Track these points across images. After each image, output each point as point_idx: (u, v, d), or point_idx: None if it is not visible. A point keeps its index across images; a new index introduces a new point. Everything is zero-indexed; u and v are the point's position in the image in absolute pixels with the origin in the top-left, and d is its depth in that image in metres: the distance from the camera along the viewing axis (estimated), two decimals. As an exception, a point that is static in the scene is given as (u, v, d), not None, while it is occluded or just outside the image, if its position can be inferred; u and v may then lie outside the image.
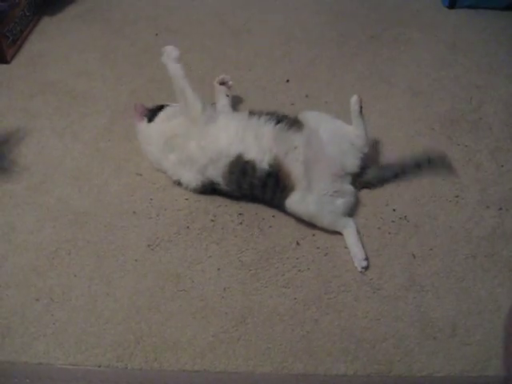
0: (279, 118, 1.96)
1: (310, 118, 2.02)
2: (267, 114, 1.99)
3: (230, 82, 2.31)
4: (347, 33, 2.91)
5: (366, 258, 1.82)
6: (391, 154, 2.17)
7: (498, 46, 2.80)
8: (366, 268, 1.81)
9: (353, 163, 1.97)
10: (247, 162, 1.90)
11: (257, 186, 1.92)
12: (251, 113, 2.00)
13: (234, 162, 1.92)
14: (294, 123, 1.97)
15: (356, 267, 1.81)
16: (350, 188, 1.96)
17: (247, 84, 2.55)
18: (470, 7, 3.07)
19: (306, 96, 2.48)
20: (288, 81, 2.58)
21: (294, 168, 1.88)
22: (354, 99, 1.97)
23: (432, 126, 2.33)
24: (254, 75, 2.61)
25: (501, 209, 2.00)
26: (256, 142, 1.91)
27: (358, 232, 1.89)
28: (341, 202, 1.91)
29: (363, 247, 1.84)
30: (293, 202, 1.88)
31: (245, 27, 2.94)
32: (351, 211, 1.95)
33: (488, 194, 2.05)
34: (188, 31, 2.91)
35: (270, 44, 2.83)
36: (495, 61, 2.70)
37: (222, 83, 2.30)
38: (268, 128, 1.94)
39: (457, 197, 2.04)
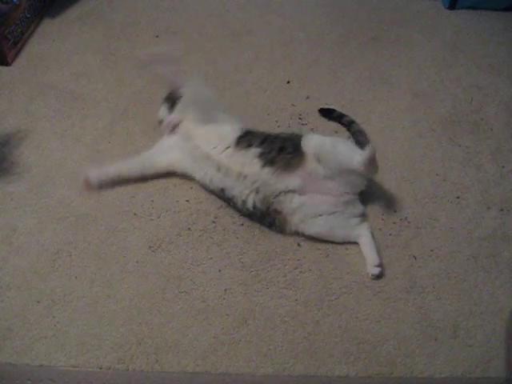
0: (271, 157, 1.87)
1: (312, 147, 1.88)
2: (262, 142, 1.92)
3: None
4: (348, 34, 2.91)
5: (379, 265, 1.79)
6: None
7: (498, 47, 2.81)
8: (378, 277, 1.79)
9: (359, 187, 1.92)
10: (230, 199, 1.93)
11: (248, 215, 1.94)
12: (241, 138, 1.94)
13: (218, 193, 1.96)
14: (291, 161, 1.87)
15: (368, 273, 1.80)
16: (355, 200, 1.93)
17: (248, 86, 2.55)
18: (470, 8, 3.08)
19: (307, 97, 2.48)
20: (289, 82, 2.58)
21: (286, 209, 1.87)
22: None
23: (433, 127, 2.33)
24: (255, 77, 2.61)
25: (502, 210, 2.00)
26: (238, 182, 1.89)
27: (373, 237, 1.87)
28: (348, 216, 1.88)
29: (378, 254, 1.82)
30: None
31: (245, 29, 2.95)
32: (364, 216, 1.94)
33: (489, 194, 2.05)
34: (188, 33, 2.91)
35: (271, 45, 2.83)
36: (496, 62, 2.71)
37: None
38: (254, 169, 1.88)
39: (458, 198, 2.04)
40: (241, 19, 3.02)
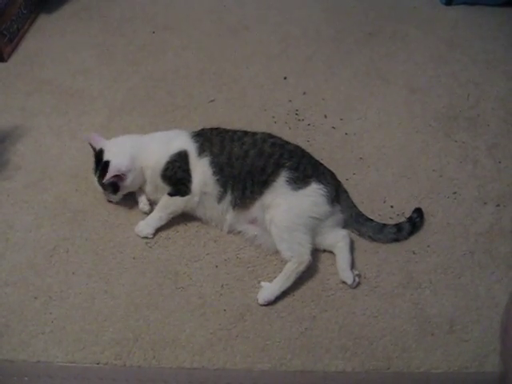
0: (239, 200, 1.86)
1: (269, 219, 1.82)
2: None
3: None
4: (344, 30, 2.91)
5: (354, 281, 1.75)
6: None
7: (495, 43, 2.81)
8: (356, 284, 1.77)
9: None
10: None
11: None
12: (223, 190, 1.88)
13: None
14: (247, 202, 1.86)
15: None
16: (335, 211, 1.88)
17: (245, 82, 2.55)
18: (466, 4, 3.08)
19: (304, 93, 2.48)
20: (285, 78, 2.58)
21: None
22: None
23: (429, 123, 2.34)
24: (252, 72, 2.61)
25: (498, 205, 2.01)
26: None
27: (350, 250, 1.83)
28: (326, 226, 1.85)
29: (351, 269, 1.78)
30: None
31: (242, 24, 2.94)
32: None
33: (486, 190, 2.06)
34: (185, 29, 2.91)
35: (268, 41, 2.83)
36: (492, 57, 2.71)
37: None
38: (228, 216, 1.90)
39: (454, 193, 2.04)
40: (237, 15, 3.02)
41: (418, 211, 1.94)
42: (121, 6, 3.08)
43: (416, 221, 1.91)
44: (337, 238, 1.83)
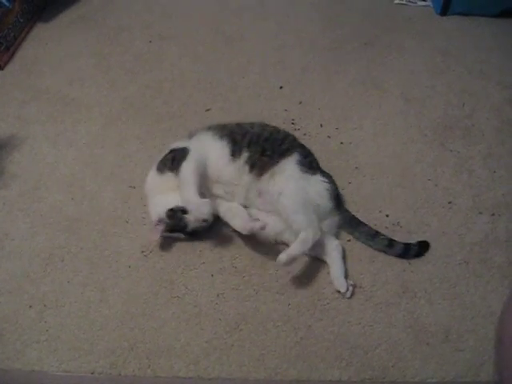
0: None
1: (277, 191, 1.84)
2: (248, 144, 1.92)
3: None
4: (340, 40, 2.92)
5: (347, 289, 1.75)
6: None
7: (489, 53, 2.82)
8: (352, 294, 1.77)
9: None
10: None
11: None
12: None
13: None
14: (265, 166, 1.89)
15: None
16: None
17: (241, 91, 2.55)
18: (461, 14, 3.09)
19: (300, 102, 2.49)
20: (281, 87, 2.58)
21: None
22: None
23: (425, 133, 2.34)
24: (248, 82, 2.62)
25: (493, 214, 2.01)
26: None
27: (343, 258, 1.84)
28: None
29: (345, 277, 1.79)
30: None
31: (238, 34, 2.95)
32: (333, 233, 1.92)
33: (481, 199, 2.06)
34: (181, 38, 2.92)
35: (264, 51, 2.83)
36: (487, 67, 2.72)
37: None
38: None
39: (450, 203, 2.05)
40: (234, 25, 3.03)
41: (421, 244, 1.89)
42: (117, 15, 3.09)
43: (412, 248, 1.86)
44: (330, 247, 1.84)
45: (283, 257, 1.70)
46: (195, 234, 1.88)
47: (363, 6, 3.21)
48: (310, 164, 1.95)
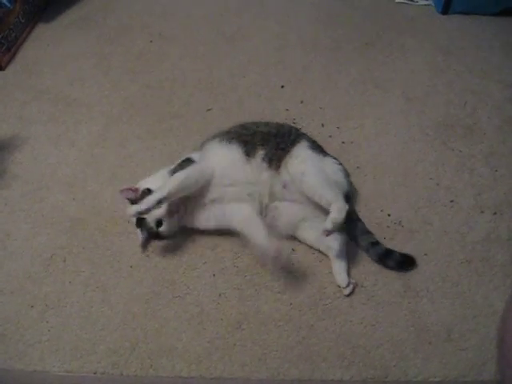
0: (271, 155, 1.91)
1: (296, 171, 1.86)
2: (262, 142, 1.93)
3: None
4: (341, 39, 2.91)
5: (348, 284, 1.76)
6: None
7: (491, 52, 2.81)
8: (351, 292, 1.77)
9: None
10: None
11: None
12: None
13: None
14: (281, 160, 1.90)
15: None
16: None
17: (242, 90, 2.55)
18: (463, 13, 3.08)
19: (301, 102, 2.49)
20: (283, 87, 2.58)
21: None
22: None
23: (426, 132, 2.34)
24: (249, 81, 2.62)
25: (495, 213, 2.01)
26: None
27: (344, 253, 1.83)
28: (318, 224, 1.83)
29: (348, 272, 1.79)
30: None
31: (239, 33, 2.95)
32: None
33: (482, 198, 2.06)
34: (182, 38, 2.92)
35: (265, 50, 2.83)
36: (489, 66, 2.71)
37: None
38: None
39: (451, 201, 2.04)
40: (234, 24, 3.03)
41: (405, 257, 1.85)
42: (118, 16, 3.09)
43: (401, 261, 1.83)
44: (334, 241, 1.82)
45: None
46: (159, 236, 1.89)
47: (364, 5, 3.20)
48: (320, 148, 2.02)
